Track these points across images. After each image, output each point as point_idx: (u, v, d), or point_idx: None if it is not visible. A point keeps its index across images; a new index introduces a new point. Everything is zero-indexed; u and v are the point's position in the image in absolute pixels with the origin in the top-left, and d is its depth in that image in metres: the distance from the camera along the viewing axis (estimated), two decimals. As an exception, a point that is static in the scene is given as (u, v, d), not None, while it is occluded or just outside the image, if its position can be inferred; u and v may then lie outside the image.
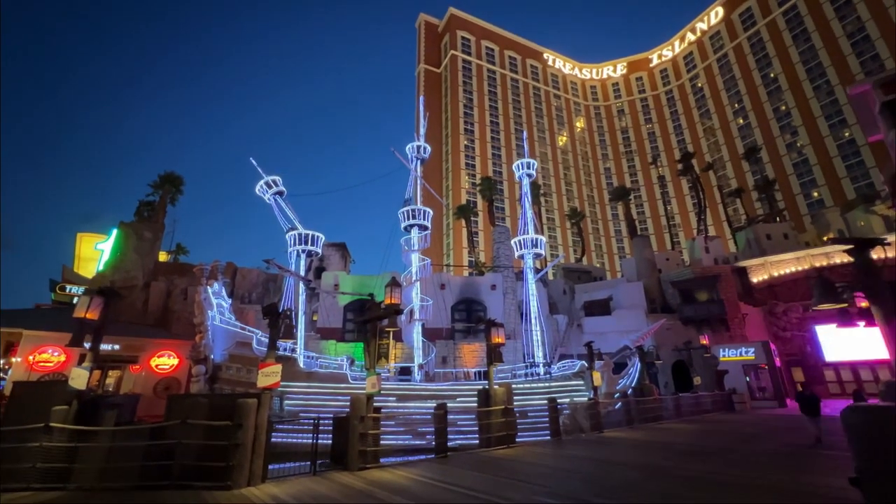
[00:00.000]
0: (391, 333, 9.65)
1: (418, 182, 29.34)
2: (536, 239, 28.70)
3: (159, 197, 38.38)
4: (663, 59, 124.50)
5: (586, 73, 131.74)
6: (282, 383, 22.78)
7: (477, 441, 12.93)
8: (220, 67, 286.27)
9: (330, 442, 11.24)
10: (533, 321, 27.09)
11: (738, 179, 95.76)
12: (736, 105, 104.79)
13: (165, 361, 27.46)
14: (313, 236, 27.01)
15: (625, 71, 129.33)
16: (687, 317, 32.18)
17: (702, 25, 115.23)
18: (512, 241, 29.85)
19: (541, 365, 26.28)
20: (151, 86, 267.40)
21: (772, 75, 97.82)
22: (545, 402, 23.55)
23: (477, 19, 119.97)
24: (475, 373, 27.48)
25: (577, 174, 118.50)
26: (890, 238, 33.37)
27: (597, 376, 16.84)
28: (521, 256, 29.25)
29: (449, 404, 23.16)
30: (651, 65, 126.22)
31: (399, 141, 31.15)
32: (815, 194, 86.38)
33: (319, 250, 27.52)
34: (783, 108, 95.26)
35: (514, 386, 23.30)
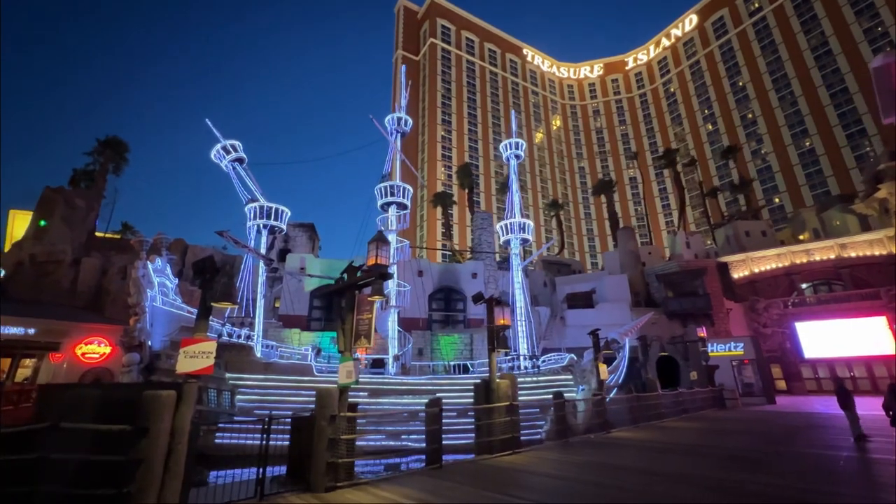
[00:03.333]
0: (373, 307, 7.31)
1: (398, 156, 26.68)
2: (524, 223, 26.72)
3: (99, 165, 33.67)
4: (638, 62, 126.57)
5: (564, 71, 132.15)
6: (235, 375, 19.69)
7: (464, 444, 10.73)
8: (180, 24, 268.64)
9: (287, 450, 8.64)
10: (519, 311, 25.11)
11: (706, 182, 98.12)
12: (706, 111, 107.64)
13: (95, 349, 23.54)
14: (277, 210, 23.85)
15: (601, 72, 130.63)
16: (672, 310, 31.32)
17: (676, 32, 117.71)
18: (497, 226, 27.75)
19: (524, 358, 24.35)
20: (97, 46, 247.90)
21: (740, 84, 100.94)
22: (535, 398, 21.67)
23: (457, 8, 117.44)
24: (454, 366, 25.24)
25: (553, 172, 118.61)
26: (863, 237, 33.93)
27: (603, 369, 14.96)
28: (507, 243, 27.20)
29: (425, 400, 20.81)
30: (627, 67, 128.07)
31: (375, 121, 28.35)
32: (777, 200, 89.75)
33: (284, 227, 24.39)
34: (750, 115, 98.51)
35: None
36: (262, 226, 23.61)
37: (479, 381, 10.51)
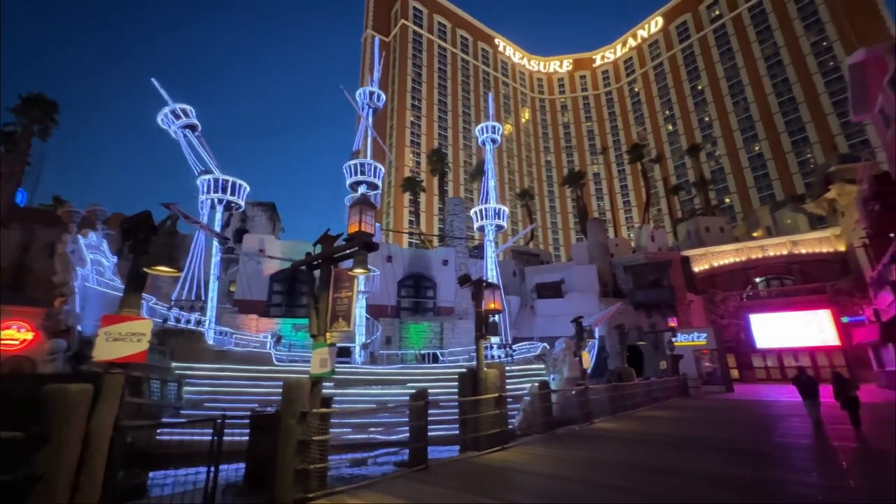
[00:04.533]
0: (355, 282, 6.13)
1: (369, 133, 25.04)
2: (499, 209, 25.98)
3: (22, 126, 29.48)
4: (606, 60, 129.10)
5: (534, 64, 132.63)
6: (183, 364, 17.73)
7: (439, 436, 9.80)
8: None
9: (246, 446, 7.32)
10: (492, 299, 24.38)
11: (665, 181, 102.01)
12: (667, 112, 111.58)
13: (13, 335, 20.44)
14: (234, 184, 21.70)
15: (570, 67, 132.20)
16: (638, 301, 31.95)
17: (643, 33, 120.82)
18: (472, 212, 26.85)
19: (497, 347, 23.78)
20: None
21: (699, 87, 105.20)
22: (509, 387, 21.13)
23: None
24: (424, 355, 24.28)
25: (520, 164, 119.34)
26: (812, 235, 36.05)
27: (586, 358, 14.47)
28: (481, 228, 26.39)
29: (396, 391, 19.73)
30: (595, 65, 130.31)
31: (346, 93, 26.54)
32: (727, 200, 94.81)
33: (241, 203, 22.27)
34: (707, 119, 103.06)
35: (472, 370, 20.49)
36: (216, 201, 21.42)
37: (464, 370, 9.56)
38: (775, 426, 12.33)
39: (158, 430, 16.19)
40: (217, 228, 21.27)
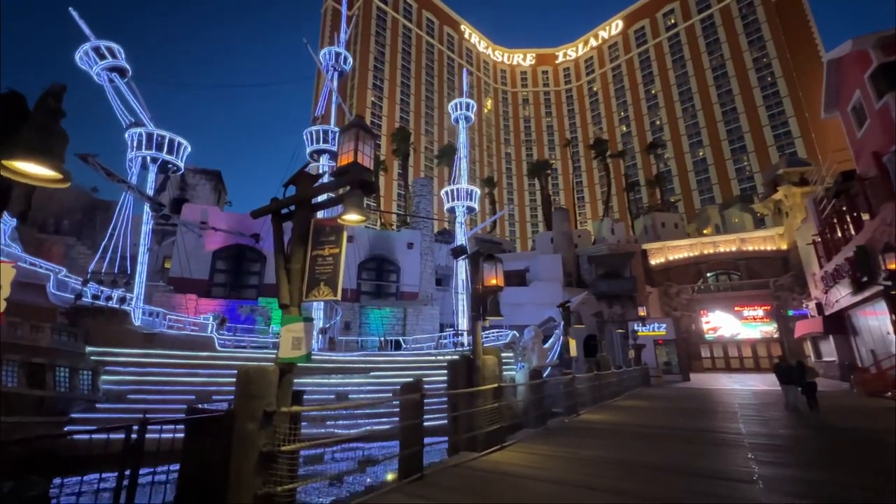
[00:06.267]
0: (343, 236, 4.56)
1: (333, 97, 22.68)
2: (471, 190, 24.70)
3: None
4: (568, 58, 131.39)
5: (498, 55, 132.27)
6: (100, 349, 14.87)
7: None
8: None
9: (181, 452, 5.46)
10: (460, 284, 23.23)
11: (617, 179, 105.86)
12: (622, 113, 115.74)
13: None
14: (172, 141, 18.64)
15: (533, 62, 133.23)
16: (601, 291, 32.25)
17: (604, 34, 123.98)
18: (442, 192, 25.35)
19: (465, 333, 22.65)
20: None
21: (653, 92, 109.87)
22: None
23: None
24: (387, 341, 22.64)
25: (481, 154, 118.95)
26: (759, 233, 38.27)
27: (572, 343, 13.59)
28: (452, 210, 25.00)
29: (357, 380, 17.98)
30: (557, 61, 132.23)
31: (311, 49, 23.92)
32: (672, 199, 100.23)
33: (181, 165, 19.24)
34: (658, 122, 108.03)
35: (441, 358, 19.16)
36: (149, 159, 18.28)
37: (456, 357, 8.17)
38: (761, 413, 12.15)
39: (67, 428, 13.47)
40: (149, 192, 18.19)
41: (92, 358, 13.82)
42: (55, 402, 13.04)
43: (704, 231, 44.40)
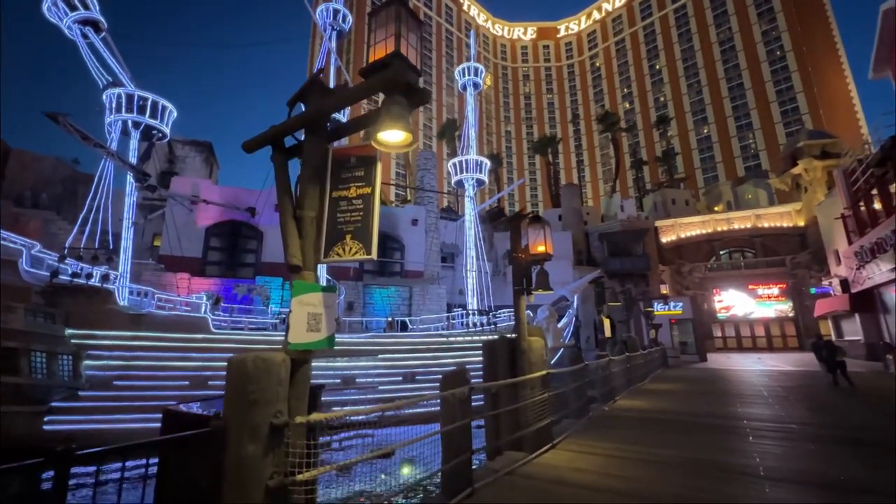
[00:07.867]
0: (376, 169, 3.46)
1: (332, 58, 20.81)
2: (480, 161, 23.12)
3: None
4: (570, 32, 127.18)
5: (498, 29, 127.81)
6: (82, 332, 13.50)
7: (417, 414, 7.24)
8: None
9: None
10: (471, 261, 21.90)
11: (629, 154, 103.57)
12: (625, 90, 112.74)
13: None
14: (157, 104, 16.88)
15: (534, 36, 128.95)
16: (612, 270, 31.11)
17: (607, 6, 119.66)
18: (450, 163, 23.75)
19: (475, 313, 21.47)
20: None
21: (657, 67, 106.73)
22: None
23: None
24: (395, 321, 21.44)
25: (481, 132, 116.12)
26: (775, 209, 37.01)
27: (607, 323, 12.38)
28: (460, 182, 23.47)
29: (364, 363, 16.78)
30: (558, 35, 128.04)
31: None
32: (677, 177, 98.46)
33: (166, 130, 17.52)
34: (661, 99, 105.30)
35: (453, 339, 17.99)
36: (130, 124, 16.57)
37: (494, 337, 6.89)
38: (809, 398, 11.05)
39: (47, 419, 12.24)
40: (132, 160, 16.54)
41: (73, 341, 12.49)
42: (32, 389, 11.78)
43: (716, 208, 43.12)
